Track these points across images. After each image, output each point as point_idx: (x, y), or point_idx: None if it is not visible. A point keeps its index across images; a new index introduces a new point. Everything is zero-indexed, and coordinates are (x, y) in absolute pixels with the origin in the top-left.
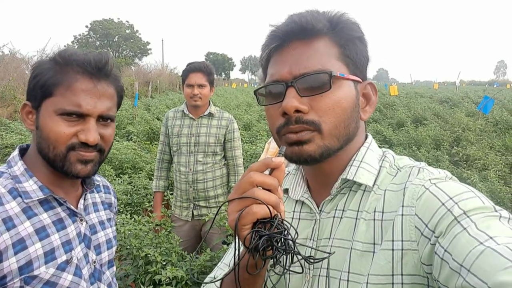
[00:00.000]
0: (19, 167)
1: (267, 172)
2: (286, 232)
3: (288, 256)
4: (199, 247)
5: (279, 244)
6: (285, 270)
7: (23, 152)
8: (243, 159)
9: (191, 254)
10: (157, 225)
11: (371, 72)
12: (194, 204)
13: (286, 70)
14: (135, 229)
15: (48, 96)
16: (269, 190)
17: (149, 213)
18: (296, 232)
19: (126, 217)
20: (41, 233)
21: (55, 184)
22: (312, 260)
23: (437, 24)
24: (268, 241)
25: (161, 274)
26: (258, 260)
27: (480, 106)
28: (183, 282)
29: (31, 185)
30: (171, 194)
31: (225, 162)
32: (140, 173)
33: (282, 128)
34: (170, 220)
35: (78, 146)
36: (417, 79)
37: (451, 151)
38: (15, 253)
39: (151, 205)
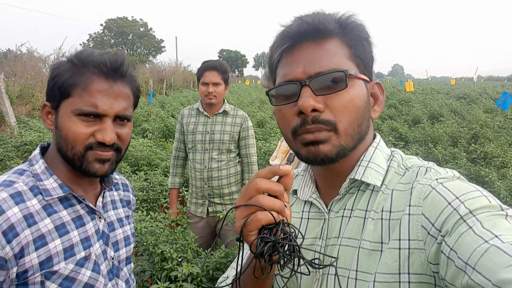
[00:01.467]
0: (40, 165)
1: (276, 178)
2: (290, 237)
3: (294, 260)
4: (214, 244)
5: (285, 249)
6: (293, 273)
7: (44, 151)
8: (257, 156)
9: (205, 251)
10: (172, 221)
11: (386, 68)
12: (209, 201)
13: (300, 70)
14: (151, 226)
15: (66, 97)
16: (275, 196)
17: (165, 210)
18: (303, 236)
19: (143, 214)
20: (61, 229)
21: (74, 182)
22: (316, 265)
23: (454, 18)
24: (273, 247)
25: (177, 270)
26: (265, 265)
27: (499, 102)
28: (199, 279)
29: (51, 183)
30: (187, 190)
31: (240, 159)
32: (156, 170)
33: (298, 128)
34: (186, 217)
35: (96, 145)
36: (433, 74)
37: (468, 149)
38: (36, 249)
39: (166, 201)
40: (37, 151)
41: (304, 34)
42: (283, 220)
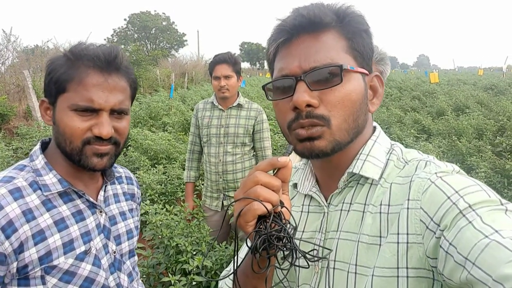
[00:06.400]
0: (40, 160)
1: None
2: (283, 229)
3: (291, 252)
4: (229, 237)
5: (280, 242)
6: (291, 266)
7: (45, 146)
8: (273, 149)
9: (220, 244)
10: (190, 213)
11: (411, 59)
12: (224, 194)
13: (296, 64)
14: (166, 219)
15: (62, 92)
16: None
17: (182, 203)
18: (295, 228)
19: (159, 207)
20: (60, 224)
21: (75, 177)
22: (311, 257)
23: (482, 6)
24: (268, 240)
25: (188, 263)
26: (262, 259)
27: None
28: (213, 272)
29: (50, 178)
30: (203, 184)
31: (254, 153)
32: (174, 163)
33: (292, 122)
34: (202, 210)
35: (93, 140)
36: (461, 65)
37: (494, 141)
38: (35, 244)
39: (184, 194)
40: (37, 146)
41: (300, 27)
42: (279, 213)
